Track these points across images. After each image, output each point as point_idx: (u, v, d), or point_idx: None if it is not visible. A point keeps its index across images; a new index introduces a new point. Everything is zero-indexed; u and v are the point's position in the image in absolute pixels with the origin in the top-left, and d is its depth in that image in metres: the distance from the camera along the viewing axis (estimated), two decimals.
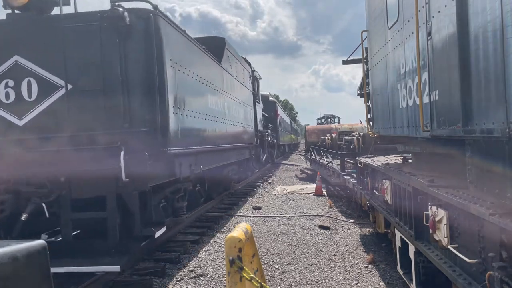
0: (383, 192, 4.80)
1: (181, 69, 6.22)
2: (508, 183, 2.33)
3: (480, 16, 2.43)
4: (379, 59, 5.09)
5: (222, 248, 6.08)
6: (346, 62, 8.39)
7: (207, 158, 7.78)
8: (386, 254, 5.50)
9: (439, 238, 2.92)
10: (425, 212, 3.23)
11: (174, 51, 5.89)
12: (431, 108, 3.25)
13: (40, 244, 1.54)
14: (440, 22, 3.02)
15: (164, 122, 5.35)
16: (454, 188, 2.83)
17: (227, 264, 2.74)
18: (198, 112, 7.20)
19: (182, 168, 6.11)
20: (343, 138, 11.95)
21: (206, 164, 7.67)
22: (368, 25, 5.71)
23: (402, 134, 4.21)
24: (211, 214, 8.77)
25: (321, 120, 30.55)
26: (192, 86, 7.02)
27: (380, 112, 5.24)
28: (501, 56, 2.18)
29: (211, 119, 8.22)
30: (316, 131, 21.60)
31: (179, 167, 6.00)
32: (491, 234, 2.27)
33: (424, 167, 4.08)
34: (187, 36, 6.80)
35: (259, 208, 9.44)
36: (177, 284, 4.81)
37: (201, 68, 7.58)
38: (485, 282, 2.22)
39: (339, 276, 4.84)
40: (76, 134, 5.06)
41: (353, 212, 8.38)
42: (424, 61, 3.37)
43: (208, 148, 7.85)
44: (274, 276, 4.95)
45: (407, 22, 3.87)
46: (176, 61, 5.94)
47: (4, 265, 1.38)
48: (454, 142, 3.11)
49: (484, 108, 2.42)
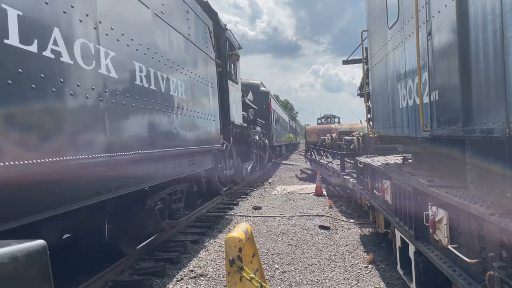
0: (383, 192, 4.80)
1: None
2: (508, 183, 2.33)
3: (480, 16, 2.43)
4: (379, 59, 5.09)
5: (222, 248, 6.08)
6: (346, 62, 8.39)
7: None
8: (386, 254, 5.50)
9: (439, 238, 2.92)
10: (425, 212, 3.23)
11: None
12: (431, 108, 3.25)
13: (40, 244, 1.54)
14: (440, 22, 3.02)
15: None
16: (454, 188, 2.83)
17: (227, 264, 2.74)
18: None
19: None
20: (343, 138, 11.95)
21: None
22: (368, 25, 5.71)
23: (402, 134, 4.21)
24: (211, 214, 8.77)
25: (321, 120, 30.57)
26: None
27: (380, 112, 5.24)
28: (501, 56, 2.18)
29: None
30: (316, 131, 21.60)
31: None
32: (491, 234, 2.27)
33: (424, 167, 4.08)
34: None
35: (259, 208, 9.43)
36: (177, 284, 4.81)
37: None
38: (485, 282, 2.22)
39: (339, 276, 4.84)
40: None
41: (353, 212, 8.38)
42: (424, 61, 3.37)
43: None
44: (274, 276, 4.95)
45: (407, 22, 3.88)
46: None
47: (4, 265, 1.38)
48: (454, 142, 3.11)
49: (484, 108, 2.41)
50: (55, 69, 3.09)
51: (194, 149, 6.45)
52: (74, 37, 3.37)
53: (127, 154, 4.13)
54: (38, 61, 2.90)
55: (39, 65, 2.91)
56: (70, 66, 3.29)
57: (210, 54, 7.94)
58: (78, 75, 3.38)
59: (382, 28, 4.83)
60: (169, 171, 5.55)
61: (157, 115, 4.98)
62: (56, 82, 3.09)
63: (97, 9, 3.78)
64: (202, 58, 7.39)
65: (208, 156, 7.70)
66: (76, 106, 3.34)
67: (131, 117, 4.28)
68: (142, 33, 4.72)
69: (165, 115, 5.24)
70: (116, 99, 3.98)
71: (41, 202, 2.94)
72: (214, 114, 7.99)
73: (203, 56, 7.42)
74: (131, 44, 4.41)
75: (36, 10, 2.94)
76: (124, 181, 4.18)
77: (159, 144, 4.98)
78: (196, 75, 6.86)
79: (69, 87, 3.24)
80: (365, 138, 9.80)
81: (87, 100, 3.48)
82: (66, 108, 3.20)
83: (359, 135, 10.69)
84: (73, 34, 3.36)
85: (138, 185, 4.53)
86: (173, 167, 5.66)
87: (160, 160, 5.13)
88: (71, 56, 3.31)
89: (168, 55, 5.47)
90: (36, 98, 2.87)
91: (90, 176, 3.54)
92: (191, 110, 6.39)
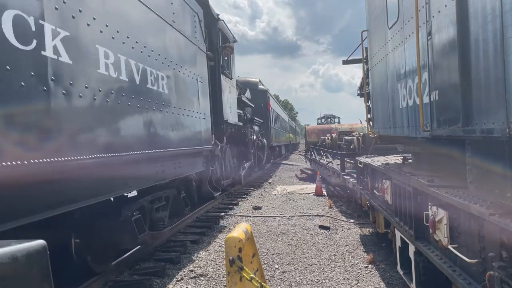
0: (383, 192, 4.80)
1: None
2: (508, 183, 2.33)
3: (480, 16, 2.43)
4: (379, 59, 5.09)
5: (222, 248, 6.08)
6: (346, 62, 8.39)
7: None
8: (386, 254, 5.49)
9: (439, 238, 2.92)
10: (425, 212, 3.23)
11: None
12: (431, 108, 3.25)
13: (40, 244, 1.54)
14: (440, 22, 3.02)
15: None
16: (454, 188, 2.83)
17: (227, 264, 2.74)
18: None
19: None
20: (343, 138, 11.95)
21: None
22: (368, 25, 5.71)
23: (402, 134, 4.21)
24: (211, 214, 8.77)
25: (321, 120, 30.59)
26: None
27: (380, 112, 5.24)
28: (501, 56, 2.18)
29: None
30: (316, 131, 21.59)
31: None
32: (491, 234, 2.27)
33: (424, 167, 4.08)
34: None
35: (259, 208, 9.43)
36: (177, 284, 4.81)
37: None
38: (485, 282, 2.22)
39: (339, 276, 4.84)
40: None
41: (353, 212, 8.38)
42: (424, 61, 3.37)
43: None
44: (274, 276, 4.95)
45: (407, 22, 3.88)
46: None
47: (4, 265, 1.38)
48: (454, 142, 3.11)
49: (484, 108, 2.41)
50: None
51: (179, 150, 5.71)
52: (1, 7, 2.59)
53: (89, 158, 3.39)
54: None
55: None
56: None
57: (199, 45, 7.03)
58: (8, 57, 2.61)
59: (382, 28, 4.83)
60: (148, 177, 4.83)
61: (130, 111, 4.24)
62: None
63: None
64: (190, 49, 6.50)
65: (198, 158, 6.92)
66: (11, 97, 2.61)
67: (94, 113, 3.55)
68: (110, 13, 3.98)
69: (141, 111, 4.51)
70: (70, 90, 3.21)
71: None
72: (204, 112, 7.17)
73: (191, 47, 6.54)
74: (93, 24, 3.66)
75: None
76: (90, 190, 3.52)
77: (134, 146, 4.29)
78: (182, 68, 6.01)
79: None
80: (365, 138, 9.80)
81: (22, 88, 2.69)
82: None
83: (359, 135, 10.69)
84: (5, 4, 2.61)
85: (107, 194, 3.83)
86: (153, 172, 4.96)
87: (135, 164, 4.39)
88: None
89: (145, 42, 4.71)
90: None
91: (40, 185, 2.86)
92: (175, 107, 5.57)
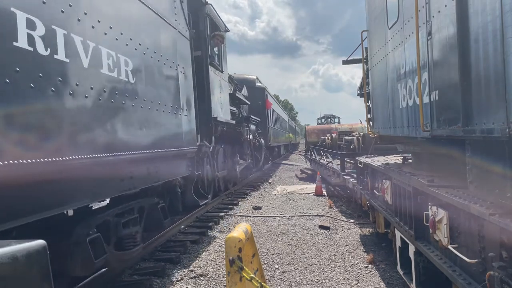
0: (383, 192, 4.80)
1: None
2: (508, 183, 2.33)
3: (480, 16, 2.43)
4: (379, 59, 5.09)
5: (222, 248, 6.08)
6: (346, 62, 8.39)
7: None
8: (386, 254, 5.50)
9: (439, 238, 2.92)
10: (425, 212, 3.23)
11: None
12: (431, 108, 3.26)
13: (40, 244, 1.54)
14: (440, 22, 3.02)
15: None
16: (454, 188, 2.83)
17: (227, 264, 2.74)
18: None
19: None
20: (343, 138, 11.95)
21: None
22: (368, 25, 5.71)
23: (402, 134, 4.21)
24: (211, 214, 8.77)
25: (321, 120, 30.61)
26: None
27: (380, 112, 5.25)
28: (501, 56, 2.18)
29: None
30: (316, 131, 21.58)
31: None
32: (491, 234, 2.27)
33: (424, 167, 4.08)
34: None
35: (259, 208, 9.43)
36: (177, 284, 4.81)
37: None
38: (485, 282, 2.22)
39: (339, 276, 4.84)
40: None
41: (353, 212, 8.38)
42: (424, 61, 3.37)
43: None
44: (274, 276, 4.95)
45: (407, 22, 3.88)
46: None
47: (4, 265, 1.39)
48: (454, 142, 3.11)
49: (484, 108, 2.42)
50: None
51: (154, 153, 4.75)
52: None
53: (14, 164, 2.51)
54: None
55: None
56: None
57: (180, 29, 6.01)
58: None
59: (382, 28, 4.83)
60: (109, 186, 3.84)
61: (74, 103, 3.20)
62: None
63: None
64: (167, 32, 5.50)
65: (180, 161, 5.91)
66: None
67: (20, 103, 2.64)
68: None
69: (92, 104, 3.46)
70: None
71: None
72: (187, 108, 6.16)
73: (168, 29, 5.52)
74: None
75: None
76: (26, 205, 2.70)
77: (85, 147, 3.34)
78: (156, 54, 4.98)
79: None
80: (365, 138, 9.80)
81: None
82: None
83: (359, 135, 10.69)
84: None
85: (38, 213, 2.80)
86: (117, 180, 3.97)
87: (88, 171, 3.40)
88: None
89: (96, 12, 3.62)
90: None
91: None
92: (145, 100, 4.51)
